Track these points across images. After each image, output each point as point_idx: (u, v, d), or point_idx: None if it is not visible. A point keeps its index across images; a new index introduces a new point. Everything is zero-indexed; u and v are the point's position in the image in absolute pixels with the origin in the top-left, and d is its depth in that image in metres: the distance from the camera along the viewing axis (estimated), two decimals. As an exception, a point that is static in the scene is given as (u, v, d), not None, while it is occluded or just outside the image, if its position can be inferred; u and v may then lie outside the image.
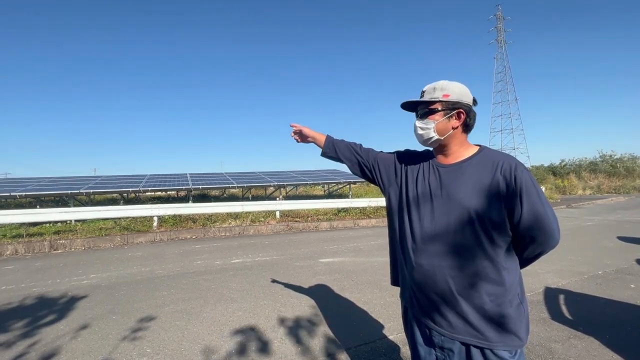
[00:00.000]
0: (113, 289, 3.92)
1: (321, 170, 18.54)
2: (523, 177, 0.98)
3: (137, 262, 5.39)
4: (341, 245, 6.42)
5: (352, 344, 2.46)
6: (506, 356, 0.99)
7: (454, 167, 1.09)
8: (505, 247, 1.03)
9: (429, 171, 1.14)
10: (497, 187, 0.99)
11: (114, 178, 14.94)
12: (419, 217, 1.10)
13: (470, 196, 1.01)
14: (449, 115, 1.09)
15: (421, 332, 1.14)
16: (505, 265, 1.02)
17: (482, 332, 1.00)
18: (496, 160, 1.03)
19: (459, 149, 1.12)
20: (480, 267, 1.00)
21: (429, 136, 1.11)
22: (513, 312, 1.00)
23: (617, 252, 5.37)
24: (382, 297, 3.47)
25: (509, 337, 0.99)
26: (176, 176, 15.50)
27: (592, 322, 2.77)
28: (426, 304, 1.09)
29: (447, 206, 1.05)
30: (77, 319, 3.04)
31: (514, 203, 0.98)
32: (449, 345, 1.05)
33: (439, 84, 1.12)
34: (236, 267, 4.89)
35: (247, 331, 2.72)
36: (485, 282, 1.00)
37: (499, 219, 1.00)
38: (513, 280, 1.03)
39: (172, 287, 3.97)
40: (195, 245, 6.85)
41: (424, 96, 1.13)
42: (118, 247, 6.97)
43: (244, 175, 16.31)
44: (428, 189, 1.10)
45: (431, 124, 1.10)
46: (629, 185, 22.43)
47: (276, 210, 10.68)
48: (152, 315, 3.07)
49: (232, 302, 3.40)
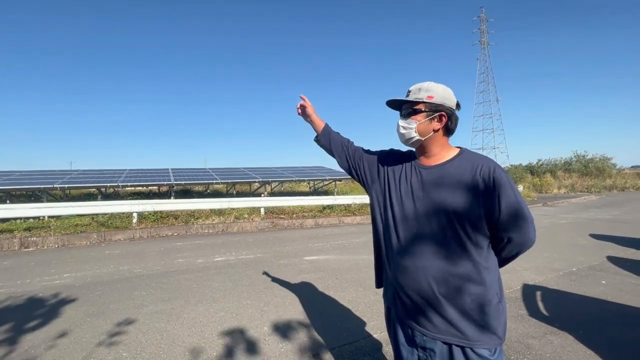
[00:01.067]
0: (88, 290, 3.76)
1: (307, 167, 18.48)
2: (501, 179, 1.01)
3: (115, 260, 5.20)
4: (326, 243, 6.42)
5: (336, 344, 2.44)
6: (486, 354, 1.01)
7: (435, 168, 1.11)
8: (485, 247, 1.05)
9: (411, 172, 1.15)
10: (476, 188, 1.02)
11: (91, 172, 14.36)
12: (402, 217, 1.12)
13: (451, 198, 1.03)
14: (431, 117, 1.10)
15: (404, 333, 1.15)
16: (485, 265, 1.04)
17: (462, 332, 1.02)
18: (476, 162, 1.06)
19: (440, 151, 1.13)
20: (461, 267, 1.02)
21: (410, 136, 1.13)
22: (492, 311, 1.02)
23: (589, 249, 5.61)
24: (365, 295, 3.48)
25: (488, 335, 1.02)
26: (157, 171, 15.06)
27: (567, 318, 2.87)
28: (408, 304, 1.10)
29: (428, 207, 1.07)
30: (48, 323, 2.89)
31: (492, 204, 1.01)
32: (430, 345, 1.06)
33: (424, 85, 1.13)
34: (219, 265, 4.80)
35: (230, 332, 2.67)
36: (467, 282, 1.02)
37: (478, 220, 1.02)
38: (493, 280, 1.05)
39: (152, 286, 3.84)
40: (177, 243, 6.67)
41: (409, 96, 1.14)
42: (94, 244, 6.71)
43: (228, 171, 16.03)
44: (410, 190, 1.12)
45: (413, 124, 1.12)
46: (600, 184, 23.54)
47: (261, 207, 10.56)
48: (130, 317, 2.96)
49: (214, 302, 3.32)
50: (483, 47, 51.22)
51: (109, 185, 11.78)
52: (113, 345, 2.47)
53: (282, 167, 18.23)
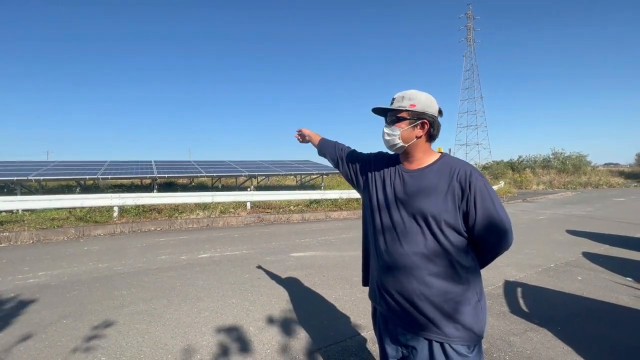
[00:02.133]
0: (65, 289, 3.61)
1: (294, 160, 18.35)
2: (477, 183, 1.05)
3: (94, 257, 5.02)
4: (312, 239, 6.40)
5: (323, 344, 2.43)
6: (463, 351, 1.05)
7: (416, 172, 1.16)
8: (463, 248, 1.09)
9: (395, 175, 1.21)
10: (452, 192, 1.06)
11: (69, 163, 13.76)
12: (387, 219, 1.17)
13: (429, 201, 1.08)
14: (414, 125, 1.15)
15: (388, 331, 1.20)
16: (465, 265, 1.09)
17: (441, 329, 1.06)
18: (453, 167, 1.10)
19: (422, 156, 1.18)
20: (441, 267, 1.07)
21: (394, 142, 1.17)
22: (471, 309, 1.07)
23: (566, 245, 5.83)
24: (352, 293, 3.48)
25: (466, 332, 1.06)
26: (140, 163, 14.61)
27: (546, 315, 2.96)
28: (392, 303, 1.14)
29: (409, 210, 1.11)
30: (20, 326, 2.75)
31: (468, 207, 1.05)
32: (413, 342, 1.11)
33: (407, 93, 1.17)
34: (203, 262, 4.70)
35: (215, 333, 2.61)
36: (447, 281, 1.06)
37: (455, 223, 1.06)
38: (473, 279, 1.10)
39: (133, 285, 3.72)
40: (160, 238, 6.51)
41: (393, 104, 1.19)
42: (72, 240, 6.45)
43: (213, 164, 15.73)
44: (393, 193, 1.17)
45: (397, 131, 1.16)
46: (576, 181, 24.53)
47: (247, 201, 10.43)
48: (109, 319, 2.85)
49: (198, 302, 3.25)
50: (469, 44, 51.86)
51: (88, 178, 11.33)
52: (90, 349, 2.37)
53: (268, 160, 18.05)
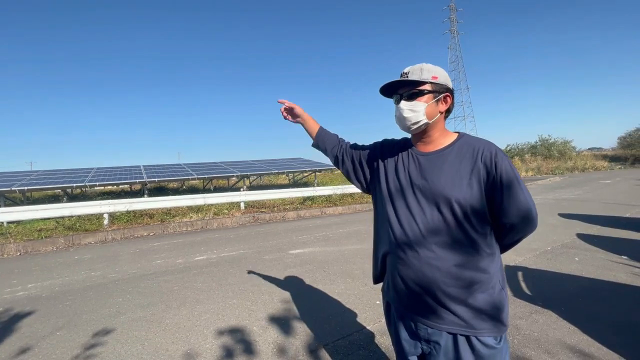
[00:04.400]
0: (57, 300, 3.47)
1: (285, 158, 18.23)
2: (503, 163, 0.98)
3: (86, 265, 4.86)
4: (310, 235, 6.34)
5: (330, 339, 2.39)
6: (491, 342, 0.99)
7: (434, 155, 1.07)
8: (488, 233, 1.02)
9: (408, 160, 1.11)
10: (478, 174, 0.99)
11: (54, 172, 13.36)
12: (403, 208, 1.07)
13: (452, 185, 1.00)
14: (437, 99, 1.05)
15: (405, 327, 1.12)
16: (489, 252, 1.01)
17: (466, 320, 0.99)
18: (477, 147, 1.02)
19: (439, 137, 1.09)
20: (465, 256, 0.99)
21: (418, 119, 1.04)
22: (496, 298, 1.00)
23: (560, 228, 5.92)
24: (355, 287, 3.44)
25: (493, 323, 0.99)
26: (128, 169, 14.28)
27: (548, 297, 2.98)
28: (411, 297, 1.06)
29: (429, 196, 1.02)
30: (12, 340, 2.62)
31: (494, 190, 0.98)
32: (436, 337, 1.03)
33: (424, 65, 1.05)
34: (200, 264, 4.60)
35: (217, 335, 2.54)
36: (471, 270, 0.99)
37: (480, 207, 0.99)
38: (496, 267, 1.03)
39: (129, 292, 3.60)
40: (154, 243, 6.35)
41: (410, 76, 1.04)
42: (62, 250, 6.24)
43: (204, 166, 15.49)
44: (408, 179, 1.08)
45: (420, 106, 1.03)
46: (563, 166, 25.03)
47: (240, 202, 10.29)
48: (106, 327, 2.75)
49: (197, 304, 3.16)
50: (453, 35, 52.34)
51: (75, 186, 11.01)
52: (88, 358, 2.27)
53: (260, 160, 17.87)
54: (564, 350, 2.15)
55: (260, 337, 2.49)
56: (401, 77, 1.07)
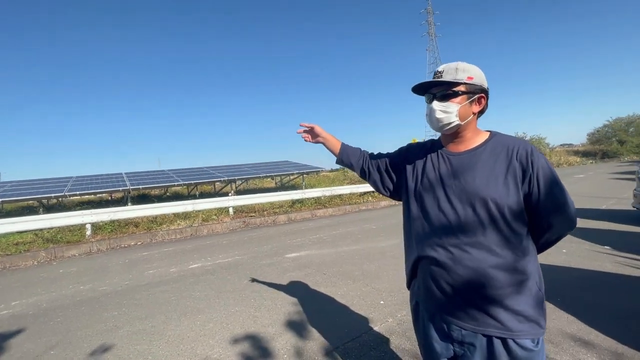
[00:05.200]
0: (46, 317, 3.29)
1: (272, 162, 18.09)
2: (540, 162, 0.97)
3: (73, 279, 4.64)
4: (304, 238, 6.32)
5: (340, 342, 2.38)
6: (529, 345, 0.96)
7: (466, 154, 1.05)
8: (524, 234, 1.00)
9: (438, 161, 1.09)
10: (514, 174, 0.97)
11: (29, 182, 12.69)
12: (435, 209, 1.05)
13: (487, 184, 0.98)
14: (471, 100, 1.03)
15: (436, 328, 1.09)
16: (525, 253, 0.99)
17: (503, 323, 0.96)
18: (511, 145, 1.00)
19: (472, 136, 1.07)
20: (501, 256, 0.97)
21: (450, 121, 1.03)
22: (533, 299, 0.98)
23: (544, 221, 6.16)
24: (357, 288, 3.46)
25: (531, 325, 0.97)
26: (109, 176, 13.77)
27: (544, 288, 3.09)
28: (445, 298, 1.04)
29: (462, 196, 1.00)
30: (2, 362, 2.47)
31: (531, 189, 0.97)
32: (470, 339, 1.00)
33: (459, 64, 1.03)
34: (196, 272, 4.49)
35: (224, 344, 2.48)
36: (507, 271, 0.97)
37: (517, 207, 0.97)
38: (533, 268, 1.00)
39: (124, 304, 3.47)
40: (143, 253, 6.15)
41: (444, 76, 1.03)
42: (44, 263, 5.94)
43: (188, 172, 15.14)
44: (440, 179, 1.06)
45: (453, 107, 1.02)
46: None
47: (229, 207, 10.13)
48: (105, 343, 2.63)
49: (199, 314, 3.08)
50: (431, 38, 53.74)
51: (53, 196, 10.52)
52: (91, 378, 2.17)
53: (246, 163, 17.66)
54: (566, 339, 2.24)
55: (269, 343, 2.45)
56: (435, 76, 1.05)
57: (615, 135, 32.19)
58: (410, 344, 2.27)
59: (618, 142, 31.12)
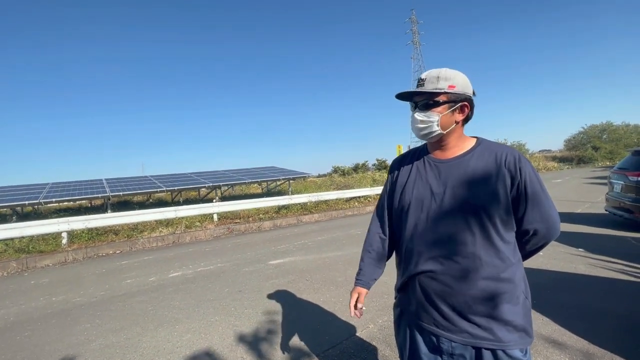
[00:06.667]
0: (13, 331, 3.12)
1: (258, 167, 17.97)
2: (527, 168, 0.97)
3: (45, 290, 4.43)
4: (289, 244, 6.26)
5: (320, 350, 2.36)
6: (518, 355, 0.96)
7: (453, 162, 1.04)
8: (513, 242, 1.00)
9: (425, 169, 1.08)
10: (503, 180, 0.96)
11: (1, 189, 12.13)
12: (424, 219, 1.03)
13: (476, 191, 0.97)
14: (453, 109, 1.02)
15: (425, 341, 1.06)
16: (513, 261, 0.99)
17: (494, 334, 0.96)
18: (499, 152, 1.00)
19: (457, 143, 1.06)
20: (491, 265, 0.96)
21: (431, 130, 1.03)
22: (520, 308, 0.98)
23: (523, 225, 6.33)
24: (339, 294, 3.44)
25: (520, 334, 0.97)
26: (88, 183, 13.33)
27: (521, 291, 3.16)
28: (434, 309, 1.02)
29: (451, 204, 0.99)
30: (-40, 381, 2.32)
31: (519, 196, 0.97)
32: (460, 351, 0.99)
33: (442, 72, 1.02)
34: (176, 281, 4.37)
35: (201, 356, 2.41)
36: (497, 281, 0.96)
37: (506, 213, 0.97)
38: (520, 276, 1.01)
39: (97, 316, 3.33)
40: (121, 261, 5.95)
41: (425, 85, 1.02)
42: (14, 275, 5.66)
43: (172, 178, 14.84)
44: (428, 187, 1.05)
45: (434, 117, 1.01)
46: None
47: (213, 213, 9.96)
48: (74, 358, 2.51)
49: (176, 324, 2.99)
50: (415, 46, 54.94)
51: (27, 204, 10.07)
52: (57, 395, 2.06)
53: (231, 169, 17.47)
54: (540, 341, 2.29)
55: (247, 353, 2.40)
56: (417, 84, 1.04)
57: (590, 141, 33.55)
58: (390, 350, 2.27)
59: (593, 148, 32.44)
